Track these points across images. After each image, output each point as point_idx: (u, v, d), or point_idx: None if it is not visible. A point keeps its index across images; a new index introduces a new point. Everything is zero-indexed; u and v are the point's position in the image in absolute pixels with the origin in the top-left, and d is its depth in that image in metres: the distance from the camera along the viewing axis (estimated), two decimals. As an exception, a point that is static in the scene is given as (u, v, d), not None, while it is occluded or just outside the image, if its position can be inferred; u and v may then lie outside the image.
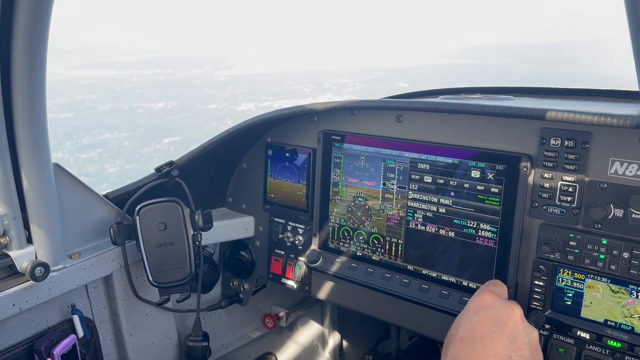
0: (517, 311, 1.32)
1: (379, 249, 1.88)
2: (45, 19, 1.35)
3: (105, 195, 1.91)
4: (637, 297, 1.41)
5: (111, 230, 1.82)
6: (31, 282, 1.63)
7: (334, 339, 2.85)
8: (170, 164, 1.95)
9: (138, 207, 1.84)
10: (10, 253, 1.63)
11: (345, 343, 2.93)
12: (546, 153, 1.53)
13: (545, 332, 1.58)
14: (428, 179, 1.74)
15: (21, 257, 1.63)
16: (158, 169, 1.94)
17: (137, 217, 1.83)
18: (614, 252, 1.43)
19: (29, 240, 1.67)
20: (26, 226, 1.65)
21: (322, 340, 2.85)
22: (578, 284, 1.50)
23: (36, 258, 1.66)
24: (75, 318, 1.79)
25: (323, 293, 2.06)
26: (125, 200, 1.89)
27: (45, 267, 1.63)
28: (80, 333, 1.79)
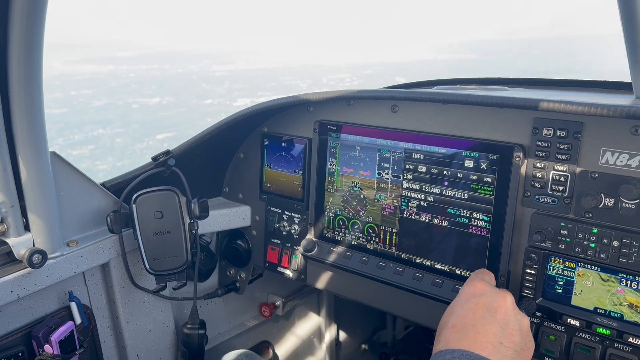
0: (508, 298, 1.34)
1: (373, 238, 1.90)
2: (41, 6, 1.36)
3: (102, 184, 1.92)
4: (627, 285, 1.43)
5: (108, 219, 1.83)
6: (29, 269, 1.64)
7: (330, 328, 2.88)
8: (167, 153, 1.97)
9: (135, 195, 1.85)
10: (7, 240, 1.64)
11: (341, 332, 2.96)
12: (539, 143, 1.54)
13: (536, 320, 1.60)
14: (422, 168, 1.75)
15: (19, 244, 1.65)
16: (155, 158, 1.96)
17: (134, 206, 1.84)
18: (604, 240, 1.45)
19: (27, 228, 1.68)
20: (24, 214, 1.66)
21: (319, 329, 2.87)
22: (569, 272, 1.52)
23: (34, 245, 1.68)
24: (73, 305, 1.80)
25: (319, 282, 2.08)
26: (122, 188, 1.90)
27: (43, 254, 1.65)
28: (78, 320, 1.81)
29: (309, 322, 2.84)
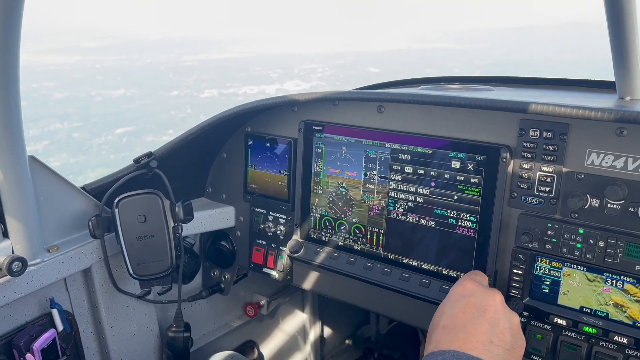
0: (497, 297, 1.35)
1: (360, 239, 1.89)
2: (17, 13, 1.31)
3: (83, 187, 1.87)
4: (612, 284, 1.46)
5: (90, 224, 1.79)
6: (8, 277, 1.59)
7: (314, 324, 2.88)
8: (149, 155, 1.93)
9: (117, 199, 1.81)
10: (-15, 248, 1.59)
11: (326, 328, 2.96)
12: (525, 144, 1.55)
13: (523, 319, 1.62)
14: (409, 169, 1.75)
15: (-3, 251, 1.60)
16: (136, 160, 1.92)
17: (117, 210, 1.80)
18: (590, 241, 1.47)
19: (5, 235, 1.63)
20: (2, 220, 1.61)
21: (303, 326, 2.87)
22: (555, 272, 1.54)
23: (13, 253, 1.63)
24: (55, 312, 1.76)
25: (305, 283, 2.07)
26: (103, 192, 1.85)
27: (23, 262, 1.60)
28: (60, 327, 1.77)
29: (294, 320, 2.84)
